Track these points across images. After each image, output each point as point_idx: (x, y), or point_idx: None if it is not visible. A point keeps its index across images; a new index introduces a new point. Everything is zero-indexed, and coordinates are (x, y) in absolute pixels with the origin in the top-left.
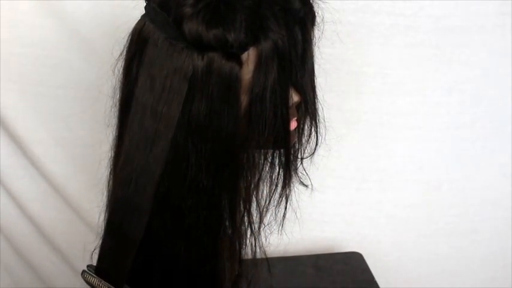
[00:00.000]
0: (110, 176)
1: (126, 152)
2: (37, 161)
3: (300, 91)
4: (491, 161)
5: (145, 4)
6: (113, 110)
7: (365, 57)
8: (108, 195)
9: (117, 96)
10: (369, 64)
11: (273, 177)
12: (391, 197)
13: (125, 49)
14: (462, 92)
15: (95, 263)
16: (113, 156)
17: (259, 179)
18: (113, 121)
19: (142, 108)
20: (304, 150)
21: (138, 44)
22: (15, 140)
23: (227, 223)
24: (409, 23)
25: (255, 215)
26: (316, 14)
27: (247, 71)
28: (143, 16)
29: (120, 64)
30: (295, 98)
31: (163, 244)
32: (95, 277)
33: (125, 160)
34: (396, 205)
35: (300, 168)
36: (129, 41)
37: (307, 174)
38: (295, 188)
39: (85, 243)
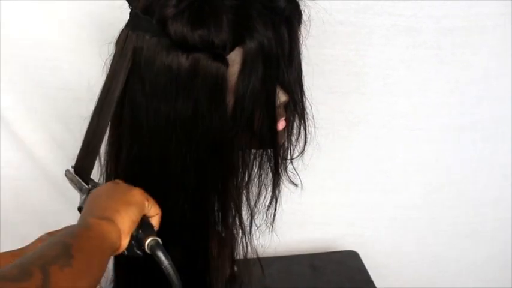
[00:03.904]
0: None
1: (128, 146)
2: (38, 162)
3: (288, 90)
4: (492, 162)
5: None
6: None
7: (366, 58)
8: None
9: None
10: (370, 65)
11: (262, 177)
12: (392, 198)
13: (111, 58)
14: (463, 93)
15: None
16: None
17: (248, 179)
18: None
19: (135, 106)
20: (294, 150)
21: (124, 49)
22: (15, 141)
23: (219, 224)
24: (410, 24)
25: (246, 215)
26: (302, 12)
27: (234, 71)
28: (125, 25)
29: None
30: (282, 97)
31: None
32: (71, 173)
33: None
34: (398, 207)
35: (290, 168)
36: (114, 50)
37: (297, 173)
38: (296, 190)
39: None
